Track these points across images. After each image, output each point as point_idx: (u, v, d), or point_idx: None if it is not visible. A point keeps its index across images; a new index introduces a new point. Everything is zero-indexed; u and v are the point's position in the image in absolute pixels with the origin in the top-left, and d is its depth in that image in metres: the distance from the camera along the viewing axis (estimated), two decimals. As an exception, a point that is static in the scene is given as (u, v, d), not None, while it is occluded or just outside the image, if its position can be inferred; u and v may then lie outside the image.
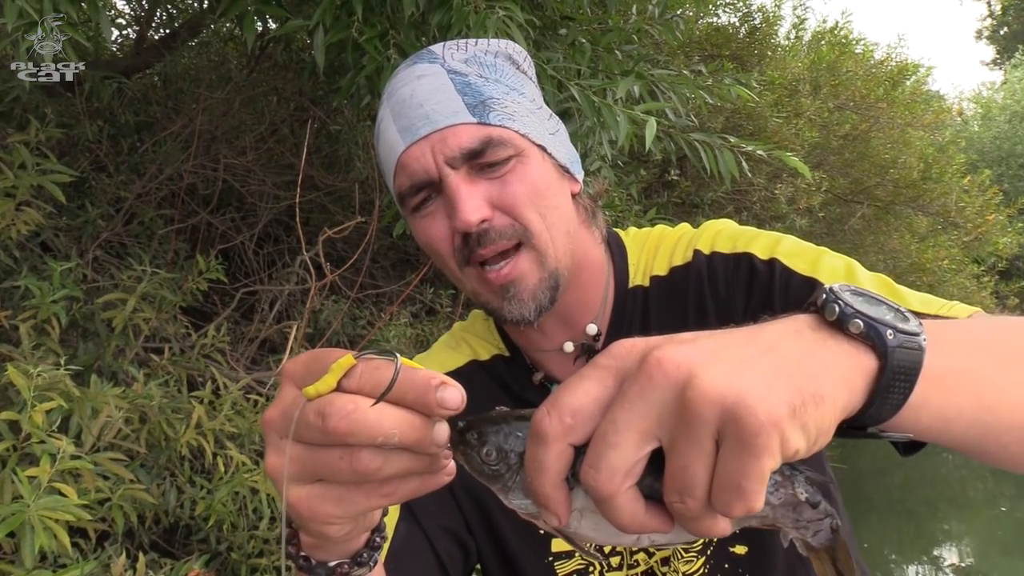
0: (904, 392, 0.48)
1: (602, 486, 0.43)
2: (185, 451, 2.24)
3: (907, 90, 9.27)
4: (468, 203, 0.85)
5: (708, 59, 6.36)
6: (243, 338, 3.51)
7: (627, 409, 0.43)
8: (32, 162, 2.29)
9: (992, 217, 9.30)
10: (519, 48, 0.99)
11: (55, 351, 2.21)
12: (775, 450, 0.41)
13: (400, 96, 0.90)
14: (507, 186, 0.87)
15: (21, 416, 1.73)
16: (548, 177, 0.91)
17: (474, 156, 0.86)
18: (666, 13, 3.44)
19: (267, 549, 2.39)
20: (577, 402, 0.45)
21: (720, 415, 0.41)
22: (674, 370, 0.43)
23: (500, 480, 0.50)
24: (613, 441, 0.43)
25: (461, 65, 0.90)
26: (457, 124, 0.86)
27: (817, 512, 0.51)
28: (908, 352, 0.48)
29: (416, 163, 0.87)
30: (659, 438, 0.43)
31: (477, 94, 0.88)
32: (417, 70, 0.91)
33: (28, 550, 1.56)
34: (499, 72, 0.92)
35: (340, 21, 2.19)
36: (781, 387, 0.43)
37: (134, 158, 3.69)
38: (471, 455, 0.51)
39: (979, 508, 8.32)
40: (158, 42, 4.20)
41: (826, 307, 0.49)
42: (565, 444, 0.44)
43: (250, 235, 4.09)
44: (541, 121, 0.94)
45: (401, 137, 0.88)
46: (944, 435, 0.54)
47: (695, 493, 0.42)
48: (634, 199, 5.12)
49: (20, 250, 2.60)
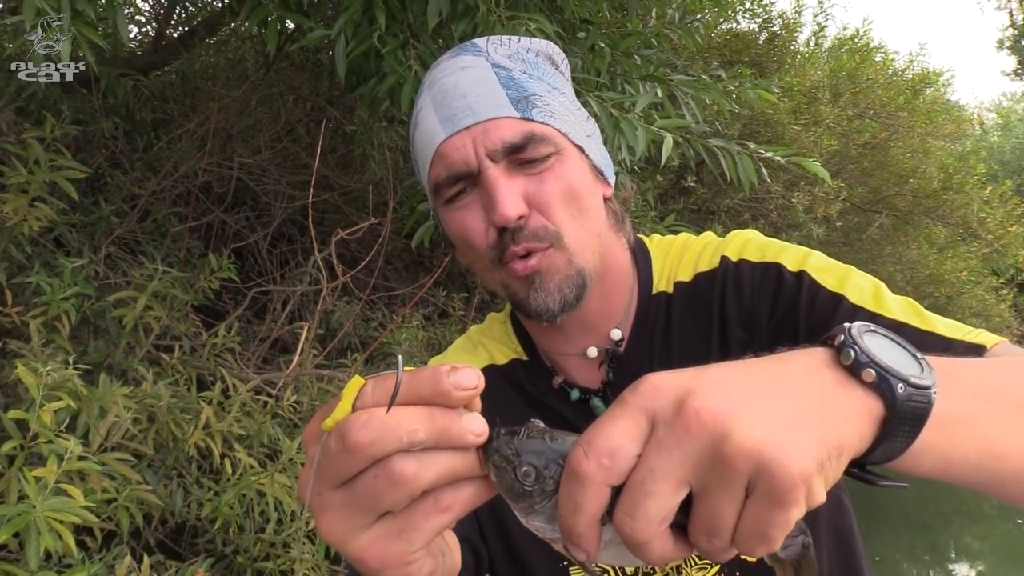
0: (908, 439, 0.49)
1: (639, 534, 0.44)
2: (193, 452, 2.23)
3: (928, 99, 9.18)
4: (507, 197, 0.84)
5: (727, 65, 6.31)
6: (254, 338, 3.50)
7: (664, 458, 0.44)
8: (46, 158, 2.28)
9: (1014, 228, 9.19)
10: (558, 50, 0.98)
11: (65, 348, 2.20)
12: (803, 504, 0.43)
13: (443, 86, 0.89)
14: (544, 184, 0.86)
15: (29, 415, 1.71)
16: (584, 178, 0.90)
17: (515, 151, 0.85)
18: (686, 17, 3.41)
19: (273, 553, 2.37)
20: (613, 443, 0.45)
21: (754, 468, 0.42)
22: (711, 422, 0.43)
23: (527, 500, 0.49)
24: (651, 490, 0.44)
25: (505, 60, 0.90)
26: (500, 117, 0.85)
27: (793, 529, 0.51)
28: (916, 405, 0.49)
29: (456, 153, 0.86)
30: (691, 484, 0.44)
31: (521, 89, 0.87)
32: (461, 61, 0.90)
33: (33, 551, 1.55)
34: (541, 70, 0.92)
35: (362, 29, 2.16)
36: (811, 442, 0.44)
37: (150, 155, 3.69)
38: (505, 470, 0.49)
39: (994, 521, 8.22)
40: (176, 40, 4.21)
41: (842, 351, 0.50)
42: (603, 487, 0.45)
43: (264, 234, 4.09)
44: (580, 122, 0.94)
45: (442, 127, 0.88)
46: (946, 477, 0.55)
47: (722, 536, 0.44)
48: (650, 205, 5.09)
49: (33, 246, 2.60)
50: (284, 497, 2.23)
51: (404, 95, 2.09)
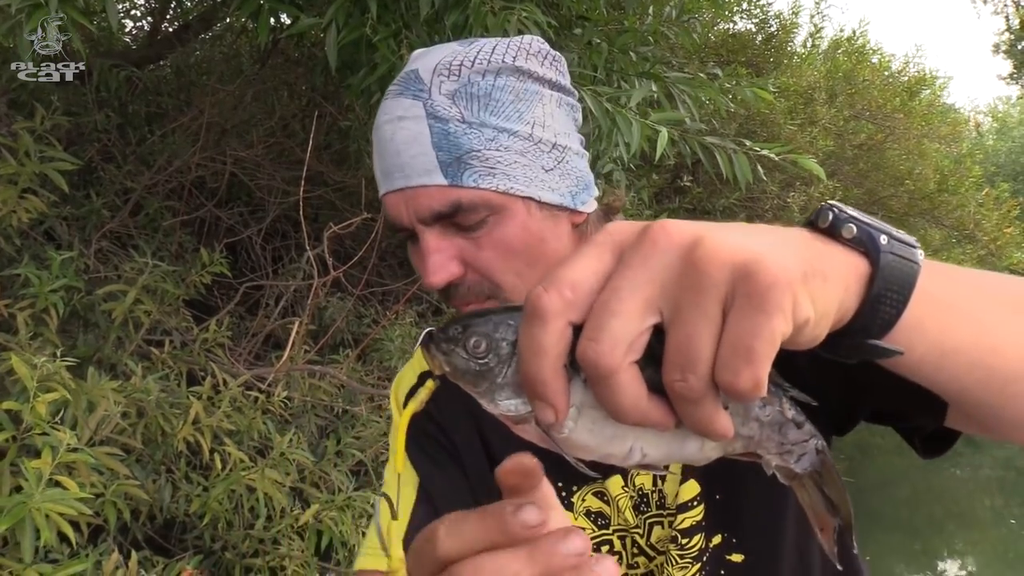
0: (897, 304, 0.46)
1: (603, 358, 0.39)
2: (182, 447, 2.21)
3: (924, 101, 9.20)
4: (434, 266, 0.81)
5: (723, 64, 6.31)
6: (247, 333, 3.48)
7: (629, 277, 0.40)
8: (36, 150, 2.26)
9: (1010, 230, 9.22)
10: (538, 47, 0.88)
11: (53, 341, 2.18)
12: (788, 310, 0.38)
13: (383, 134, 0.84)
14: (480, 250, 0.82)
15: (23, 407, 1.70)
16: (530, 231, 0.83)
17: (443, 217, 0.81)
18: (683, 16, 3.40)
19: (262, 549, 2.36)
20: (576, 276, 0.41)
21: (730, 274, 0.38)
22: (678, 234, 0.40)
23: (488, 377, 0.45)
24: (615, 309, 0.39)
25: (446, 104, 0.82)
26: (428, 185, 0.81)
27: (802, 433, 0.48)
28: (901, 261, 0.46)
29: (394, 210, 0.84)
30: (661, 310, 0.39)
31: (454, 148, 0.81)
32: (400, 106, 0.84)
33: (28, 544, 1.54)
34: (492, 105, 0.83)
35: (354, 19, 2.14)
36: (793, 255, 0.41)
37: (143, 149, 3.67)
38: (455, 352, 0.46)
39: (986, 524, 8.23)
40: (171, 34, 4.19)
41: (820, 215, 0.47)
42: (564, 321, 0.40)
43: (257, 230, 4.07)
44: (534, 160, 0.84)
45: (383, 179, 0.85)
46: (941, 372, 0.51)
47: (698, 367, 0.38)
48: (645, 204, 5.08)
49: (23, 238, 2.58)
50: (274, 493, 2.21)
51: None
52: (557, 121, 0.87)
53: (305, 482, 2.52)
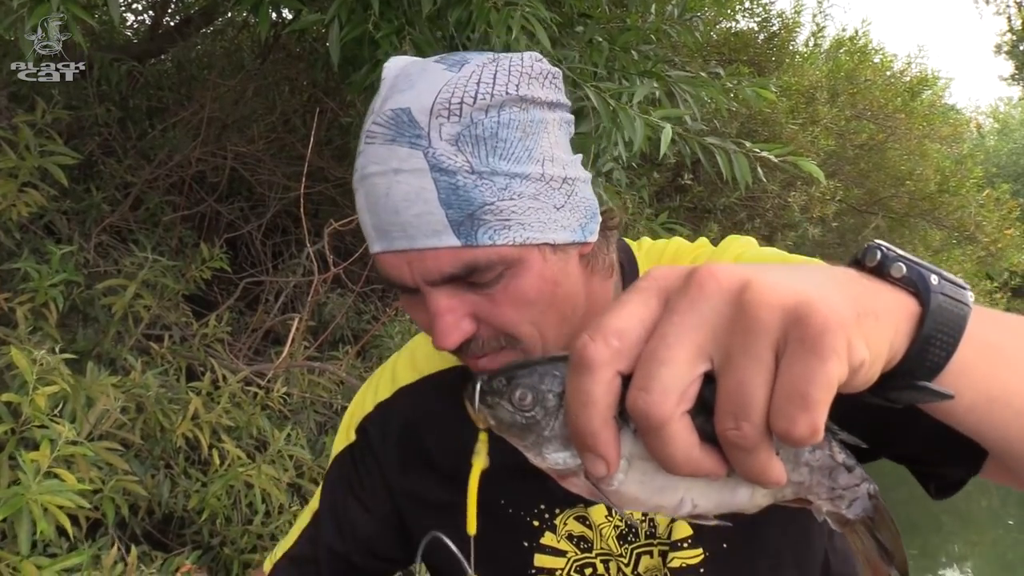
0: (947, 347, 0.44)
1: (654, 408, 0.38)
2: (181, 443, 2.21)
3: (925, 102, 9.19)
4: (446, 328, 0.75)
5: (725, 63, 6.30)
6: (247, 329, 3.48)
7: (677, 323, 0.39)
8: (36, 143, 2.26)
9: (1011, 231, 9.22)
10: (539, 68, 0.79)
11: (52, 336, 2.18)
12: (843, 354, 0.37)
13: (374, 187, 0.75)
14: (495, 306, 0.76)
15: (22, 399, 1.70)
16: (545, 279, 0.77)
17: (456, 279, 0.75)
18: (685, 14, 3.39)
19: (260, 545, 2.36)
20: (622, 324, 0.40)
21: (782, 318, 0.37)
22: (727, 279, 0.39)
23: (535, 430, 0.44)
24: (664, 357, 0.38)
25: (450, 151, 0.73)
26: (438, 248, 0.73)
27: (853, 477, 0.47)
28: (952, 302, 0.45)
29: (393, 270, 0.77)
30: (712, 357, 0.39)
31: (466, 203, 0.73)
32: (395, 156, 0.74)
33: (25, 535, 1.54)
34: (500, 147, 0.74)
35: (356, 15, 2.14)
36: (844, 297, 0.40)
37: (144, 143, 3.66)
38: (500, 405, 0.45)
39: (984, 524, 8.25)
40: (173, 28, 4.19)
41: (867, 254, 0.46)
42: (613, 371, 0.39)
43: (258, 225, 4.07)
44: (547, 202, 0.77)
45: (376, 236, 0.77)
46: (988, 420, 0.50)
47: (752, 414, 0.37)
48: (645, 202, 5.08)
49: (23, 232, 2.58)
50: (272, 489, 2.21)
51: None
52: (562, 149, 0.81)
53: (304, 478, 2.53)
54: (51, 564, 1.59)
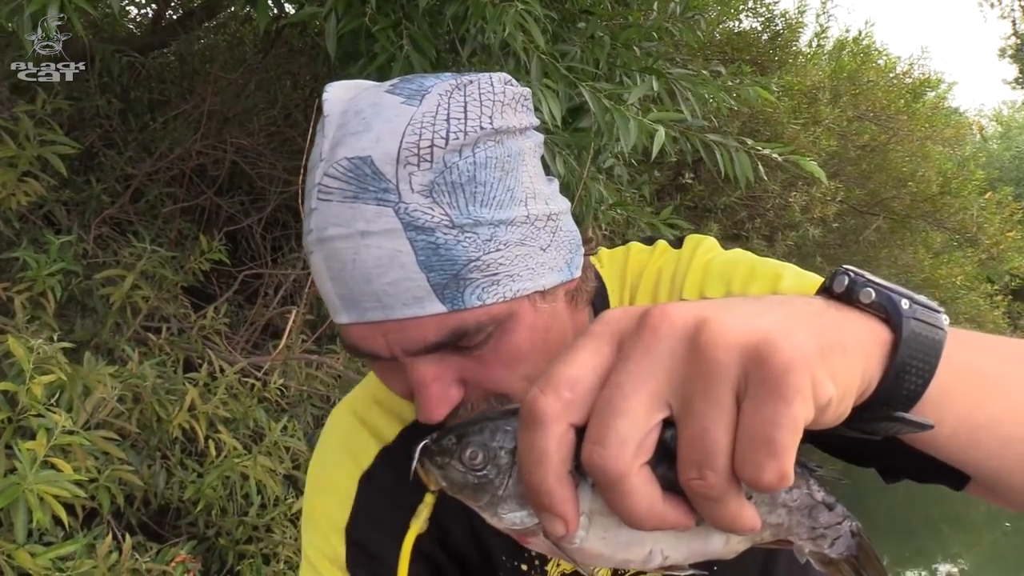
0: (923, 374, 0.42)
1: (611, 463, 0.36)
2: (177, 433, 2.21)
3: (928, 104, 9.18)
4: (433, 400, 0.67)
5: (728, 62, 6.30)
6: (245, 322, 3.49)
7: (631, 370, 0.36)
8: (35, 133, 2.26)
9: (1012, 234, 9.22)
10: (511, 92, 0.71)
11: (50, 325, 2.18)
12: (807, 394, 0.35)
13: (337, 252, 0.64)
14: (485, 367, 0.69)
15: (19, 388, 1.70)
16: (536, 329, 0.71)
17: (442, 347, 0.67)
18: (688, 12, 3.39)
19: (255, 536, 2.36)
20: (574, 373, 0.37)
21: (740, 359, 0.35)
22: (681, 319, 0.37)
23: (488, 490, 0.42)
24: (619, 407, 0.36)
25: (425, 205, 0.64)
26: (421, 316, 0.65)
27: (834, 515, 0.45)
28: (926, 327, 0.42)
29: (364, 342, 0.68)
30: (669, 403, 0.36)
31: (449, 263, 0.64)
32: (361, 216, 0.63)
33: (20, 524, 1.55)
34: (480, 192, 0.66)
35: (354, 9, 2.14)
36: (807, 331, 0.37)
37: (144, 135, 3.67)
38: (451, 466, 0.42)
39: (981, 528, 8.25)
40: (175, 21, 4.19)
41: (835, 280, 0.44)
42: (565, 424, 0.37)
43: (258, 219, 4.07)
44: (533, 245, 0.70)
45: (343, 306, 0.66)
46: (972, 449, 0.48)
47: (716, 462, 0.35)
48: (646, 200, 5.08)
49: (22, 222, 2.58)
50: (268, 480, 2.22)
51: (394, 75, 2.08)
52: (540, 179, 0.73)
53: (299, 470, 2.53)
54: (45, 552, 1.60)
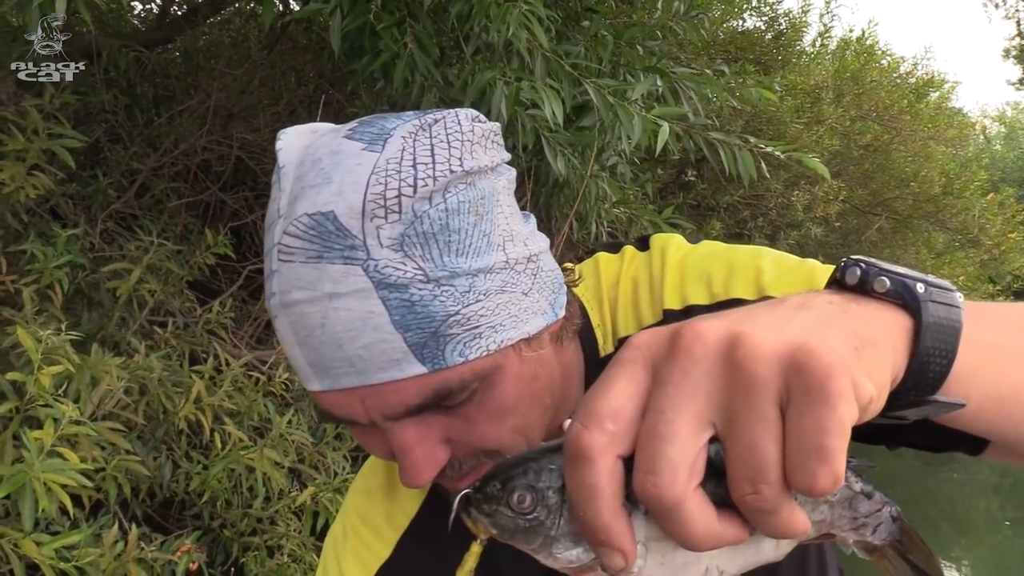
0: (947, 354, 0.43)
1: (666, 491, 0.35)
2: (183, 425, 2.23)
3: (931, 104, 9.18)
4: (418, 465, 0.63)
5: (731, 62, 6.30)
6: (249, 316, 3.50)
7: (672, 394, 0.36)
8: (44, 127, 2.28)
9: (1014, 235, 9.22)
10: (480, 130, 0.66)
11: (57, 317, 2.20)
12: (850, 396, 0.35)
13: (302, 317, 0.59)
14: (471, 425, 0.65)
15: (28, 378, 1.72)
16: (523, 379, 0.66)
17: (424, 408, 0.62)
18: (692, 11, 3.40)
19: (260, 528, 2.38)
20: (613, 404, 0.37)
21: (780, 370, 0.35)
22: (713, 337, 0.37)
23: (541, 531, 0.41)
24: (665, 433, 0.36)
25: (396, 260, 0.59)
26: (400, 379, 0.60)
27: (874, 503, 0.46)
28: (944, 307, 0.43)
29: (339, 409, 0.63)
30: (713, 422, 0.36)
31: (427, 321, 0.59)
32: (327, 277, 0.58)
33: (28, 512, 1.56)
34: (455, 240, 0.61)
35: (358, 6, 2.16)
36: (837, 333, 0.38)
37: (150, 131, 3.68)
38: (499, 512, 0.41)
39: (981, 528, 8.25)
40: (180, 17, 4.20)
41: (846, 272, 0.44)
42: (613, 456, 0.37)
43: (262, 214, 4.08)
44: (515, 290, 0.65)
45: (314, 374, 0.61)
46: (999, 419, 0.48)
47: (768, 475, 0.35)
48: (649, 198, 5.09)
49: (29, 215, 2.59)
50: (273, 473, 2.24)
51: (398, 73, 2.10)
52: (516, 219, 0.68)
53: (304, 463, 2.55)
54: (51, 541, 1.62)
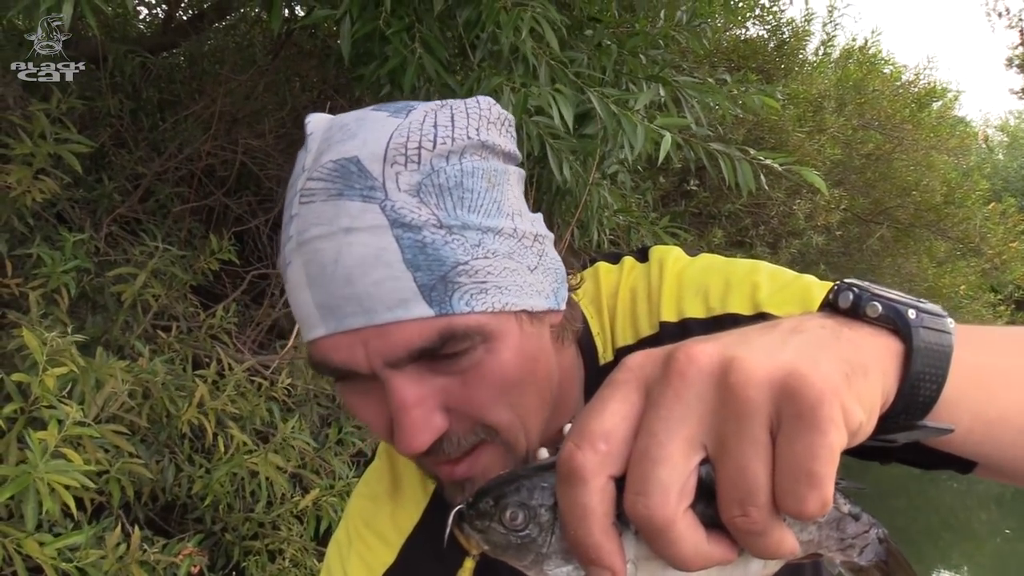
0: (937, 379, 0.43)
1: (656, 512, 0.36)
2: (186, 429, 2.24)
3: (933, 113, 9.20)
4: (415, 426, 0.62)
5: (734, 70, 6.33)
6: (251, 321, 3.52)
7: (664, 416, 0.37)
8: (51, 131, 2.30)
9: (1015, 244, 9.23)
10: (497, 112, 0.70)
11: (63, 321, 2.22)
12: (840, 422, 0.36)
13: (318, 254, 0.61)
14: (468, 388, 0.64)
15: (32, 379, 1.73)
16: (524, 354, 0.67)
17: (427, 354, 0.62)
18: (694, 20, 3.42)
19: (262, 532, 2.39)
20: (607, 425, 0.38)
21: (771, 395, 0.36)
22: (707, 361, 0.38)
23: (532, 549, 0.42)
24: (657, 456, 0.37)
25: (411, 203, 0.61)
26: (405, 320, 0.60)
27: (861, 524, 0.47)
28: (934, 334, 0.44)
29: (340, 355, 0.63)
30: (704, 445, 0.37)
31: (436, 264, 0.61)
32: (344, 212, 0.61)
33: (31, 513, 1.58)
34: (468, 197, 0.64)
35: (368, 12, 2.17)
36: (829, 359, 0.38)
37: (155, 135, 3.70)
38: (491, 529, 0.42)
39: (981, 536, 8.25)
40: (185, 22, 4.22)
41: (839, 295, 0.45)
42: (604, 477, 0.38)
43: (265, 219, 4.10)
44: (521, 262, 0.67)
45: (320, 317, 0.62)
46: (988, 443, 0.49)
47: (758, 498, 0.36)
48: (650, 206, 5.11)
49: (35, 219, 2.61)
50: (276, 477, 2.25)
51: (406, 79, 2.11)
52: (524, 206, 0.71)
53: (306, 468, 2.56)
54: (53, 541, 1.63)
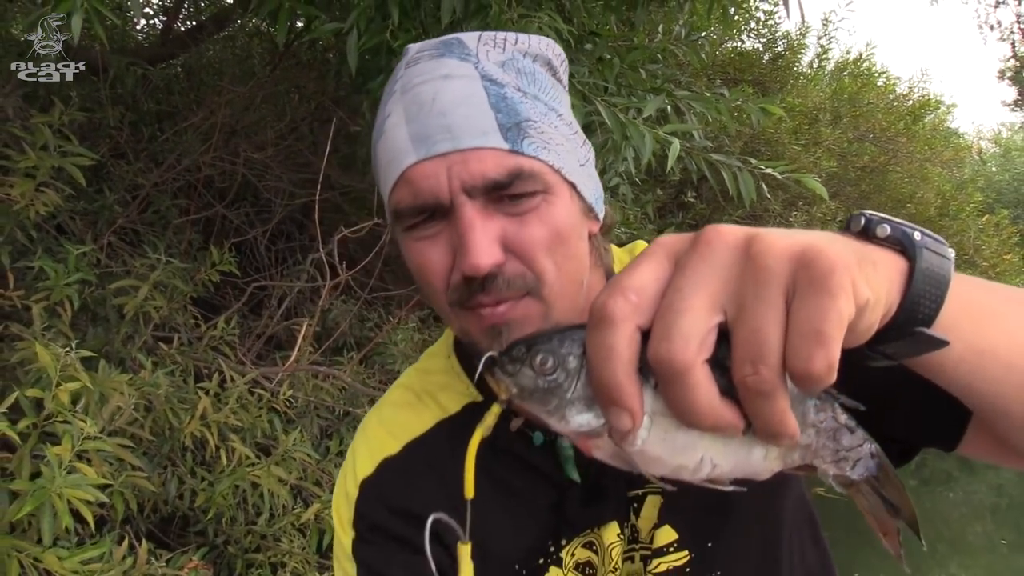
0: (935, 299, 0.47)
1: (677, 355, 0.39)
2: (188, 442, 2.23)
3: (927, 125, 9.26)
4: (481, 243, 0.71)
5: (730, 83, 6.36)
6: (251, 333, 3.51)
7: (690, 276, 0.41)
8: (54, 144, 2.30)
9: (1009, 257, 9.28)
10: (559, 50, 0.85)
11: (66, 333, 2.21)
12: (850, 291, 0.39)
13: (419, 95, 0.74)
14: (527, 227, 0.74)
15: (46, 394, 1.73)
16: (572, 221, 0.77)
17: (498, 188, 0.72)
18: (692, 34, 3.44)
19: (264, 545, 2.38)
20: (638, 281, 0.42)
21: (790, 264, 0.39)
22: (732, 235, 0.41)
23: (557, 393, 0.45)
24: (681, 307, 0.40)
25: (497, 70, 0.75)
26: (485, 148, 0.71)
27: (855, 438, 0.49)
28: (936, 256, 0.47)
29: (426, 181, 0.73)
30: (724, 308, 0.41)
31: (513, 112, 0.73)
32: (444, 66, 0.75)
33: (47, 527, 1.57)
34: (539, 84, 0.78)
35: (375, 24, 2.18)
36: (842, 246, 0.43)
37: (154, 146, 3.70)
38: (521, 372, 0.46)
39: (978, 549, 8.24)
40: (184, 33, 4.23)
41: (852, 221, 0.49)
42: (633, 325, 0.41)
43: (263, 231, 4.10)
44: (575, 150, 0.80)
45: (413, 146, 0.73)
46: (977, 374, 0.52)
47: (768, 357, 0.39)
48: (649, 218, 5.12)
49: (37, 231, 2.61)
50: (278, 490, 2.24)
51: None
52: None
53: (307, 480, 2.55)
54: (71, 555, 1.62)
